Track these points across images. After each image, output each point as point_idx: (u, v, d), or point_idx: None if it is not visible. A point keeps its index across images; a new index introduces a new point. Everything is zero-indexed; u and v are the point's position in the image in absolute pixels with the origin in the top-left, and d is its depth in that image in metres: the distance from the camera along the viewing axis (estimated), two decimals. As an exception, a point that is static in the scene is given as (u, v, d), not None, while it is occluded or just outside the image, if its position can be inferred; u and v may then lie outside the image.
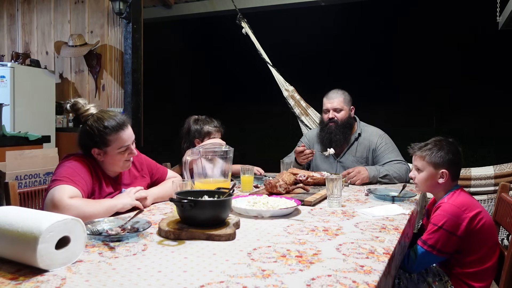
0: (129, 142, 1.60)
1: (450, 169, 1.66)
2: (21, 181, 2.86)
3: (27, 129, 3.55)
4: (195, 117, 2.36)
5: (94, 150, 1.57)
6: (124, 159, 1.60)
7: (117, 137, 1.56)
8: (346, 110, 2.49)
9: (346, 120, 2.48)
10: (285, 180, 1.91)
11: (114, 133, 1.55)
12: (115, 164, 1.60)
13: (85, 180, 1.49)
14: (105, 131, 1.54)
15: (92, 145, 1.56)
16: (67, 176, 1.44)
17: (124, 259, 1.00)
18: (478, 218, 1.56)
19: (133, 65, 4.05)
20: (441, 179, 1.66)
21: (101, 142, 1.55)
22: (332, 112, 2.48)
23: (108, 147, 1.56)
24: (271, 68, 3.77)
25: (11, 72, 3.79)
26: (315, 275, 0.91)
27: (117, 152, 1.57)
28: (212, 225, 1.21)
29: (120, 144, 1.57)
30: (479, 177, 2.90)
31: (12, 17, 4.74)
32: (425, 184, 1.72)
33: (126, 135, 1.59)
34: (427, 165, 1.68)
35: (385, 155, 2.39)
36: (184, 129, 2.35)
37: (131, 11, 3.97)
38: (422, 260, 1.56)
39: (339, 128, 2.46)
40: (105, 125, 1.55)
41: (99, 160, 1.59)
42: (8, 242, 0.95)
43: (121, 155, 1.59)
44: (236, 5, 4.04)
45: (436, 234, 1.54)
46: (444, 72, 8.11)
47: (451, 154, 1.66)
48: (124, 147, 1.58)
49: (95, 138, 1.55)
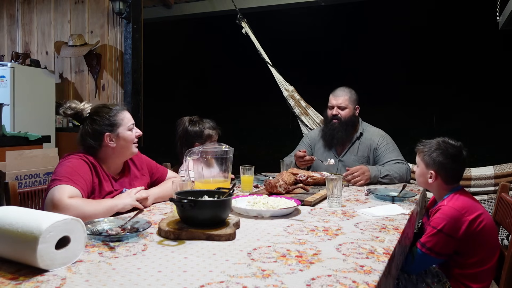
0: (133, 121, 1.70)
1: (440, 172, 1.66)
2: (21, 181, 2.86)
3: (27, 129, 3.54)
4: (189, 118, 2.28)
5: (106, 135, 1.61)
6: (134, 140, 1.67)
7: (124, 116, 1.66)
8: (351, 109, 2.49)
9: (350, 118, 2.48)
10: (285, 180, 1.91)
11: (120, 112, 1.65)
12: (126, 147, 1.65)
13: (84, 179, 1.49)
14: (113, 112, 1.64)
15: (104, 130, 1.61)
16: (66, 176, 1.44)
17: (124, 259, 1.00)
18: (479, 221, 1.55)
19: (133, 65, 4.05)
20: (430, 179, 1.68)
21: (112, 124, 1.62)
22: (336, 109, 2.49)
23: (120, 127, 1.63)
24: (271, 68, 3.77)
25: (11, 72, 3.79)
26: (315, 275, 0.91)
27: (127, 130, 1.65)
28: (212, 225, 1.21)
29: (128, 121, 1.66)
30: (479, 177, 2.90)
31: (12, 17, 4.74)
32: (419, 180, 1.77)
33: (129, 114, 1.70)
34: (420, 162, 1.73)
35: (385, 155, 2.39)
36: (180, 132, 2.26)
37: (131, 11, 3.97)
38: (420, 262, 1.56)
39: (342, 125, 2.47)
40: (111, 108, 1.66)
41: (110, 147, 1.62)
42: (8, 242, 0.94)
43: (132, 135, 1.66)
44: (236, 5, 4.04)
45: (435, 237, 1.53)
46: (444, 72, 8.11)
47: (444, 158, 1.64)
48: (132, 124, 1.68)
49: (105, 122, 1.62)
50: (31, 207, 1.73)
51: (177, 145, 2.29)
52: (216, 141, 2.25)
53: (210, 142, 2.22)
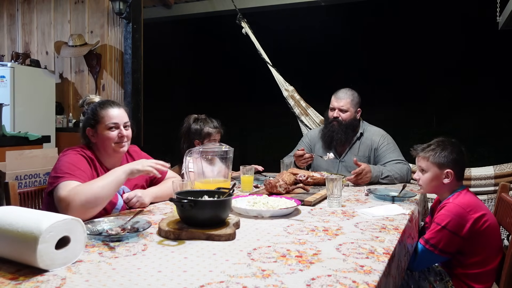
0: (118, 121, 1.62)
1: (455, 168, 1.65)
2: (21, 181, 2.86)
3: (27, 129, 3.54)
4: (195, 116, 2.33)
5: (88, 130, 1.62)
6: (113, 139, 1.61)
7: (106, 114, 1.61)
8: (352, 112, 2.48)
9: (350, 121, 2.47)
10: (285, 180, 1.91)
11: (104, 109, 1.62)
12: (106, 145, 1.62)
13: (86, 172, 1.51)
14: (96, 108, 1.63)
15: (86, 124, 1.63)
16: (68, 172, 1.45)
17: (124, 259, 1.00)
18: (483, 220, 1.55)
19: (133, 65, 4.05)
20: (446, 179, 1.65)
21: (93, 119, 1.62)
22: (337, 112, 2.48)
23: (98, 124, 1.61)
24: (271, 68, 3.77)
25: (11, 72, 3.79)
26: (315, 275, 0.91)
27: (106, 130, 1.60)
28: (212, 225, 1.21)
29: (108, 120, 1.60)
30: (479, 177, 2.90)
31: (12, 17, 4.74)
32: (430, 185, 1.70)
33: (115, 112, 1.63)
34: (431, 166, 1.67)
35: (386, 155, 2.39)
36: (184, 128, 2.32)
37: (131, 11, 3.97)
38: (423, 258, 1.56)
39: (342, 127, 2.46)
40: (98, 104, 1.65)
41: (93, 142, 1.63)
42: (8, 242, 0.95)
43: (110, 134, 1.60)
44: (236, 5, 4.04)
45: (439, 234, 1.53)
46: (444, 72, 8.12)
47: (455, 154, 1.65)
48: (112, 124, 1.60)
49: (88, 116, 1.63)
50: (31, 207, 1.73)
51: (180, 141, 2.33)
52: (216, 140, 2.27)
53: (209, 141, 2.24)
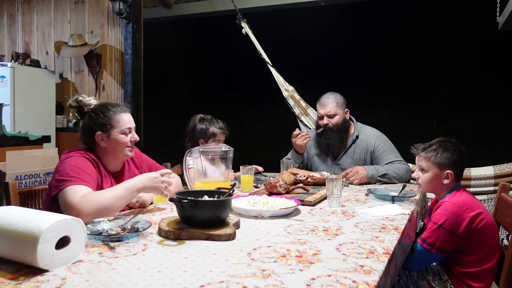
0: (131, 126, 1.64)
1: (455, 169, 1.66)
2: (21, 181, 2.86)
3: (27, 129, 3.55)
4: (201, 116, 2.35)
5: (97, 134, 1.58)
6: (127, 144, 1.62)
7: (120, 118, 1.60)
8: (340, 114, 2.47)
9: (341, 124, 2.47)
10: (285, 180, 1.91)
11: (117, 114, 1.61)
12: (118, 150, 1.61)
13: (92, 176, 1.49)
14: (109, 112, 1.60)
15: (96, 128, 1.59)
16: (75, 176, 1.42)
17: (124, 259, 1.00)
18: (479, 219, 1.56)
19: (133, 65, 4.05)
20: (446, 179, 1.67)
21: (105, 124, 1.59)
22: (326, 118, 2.47)
23: (112, 129, 1.59)
24: (271, 68, 3.77)
25: (11, 72, 3.79)
26: (315, 275, 0.91)
27: (121, 134, 1.60)
28: (212, 225, 1.21)
29: (123, 125, 1.60)
30: (479, 177, 2.90)
31: (12, 17, 4.74)
32: (429, 185, 1.71)
33: (128, 117, 1.64)
34: (432, 166, 1.68)
35: (384, 157, 2.39)
36: (189, 127, 2.33)
37: (131, 11, 3.97)
38: (421, 258, 1.56)
39: (334, 133, 2.45)
40: (109, 108, 1.62)
41: (102, 146, 1.60)
42: (8, 242, 0.95)
43: (125, 139, 1.61)
44: (236, 5, 4.04)
45: (436, 233, 1.54)
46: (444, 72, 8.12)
47: (456, 155, 1.66)
48: (127, 129, 1.61)
49: (100, 120, 1.59)
50: (31, 207, 1.73)
51: (185, 140, 2.34)
52: (221, 141, 2.28)
53: (214, 141, 2.25)
